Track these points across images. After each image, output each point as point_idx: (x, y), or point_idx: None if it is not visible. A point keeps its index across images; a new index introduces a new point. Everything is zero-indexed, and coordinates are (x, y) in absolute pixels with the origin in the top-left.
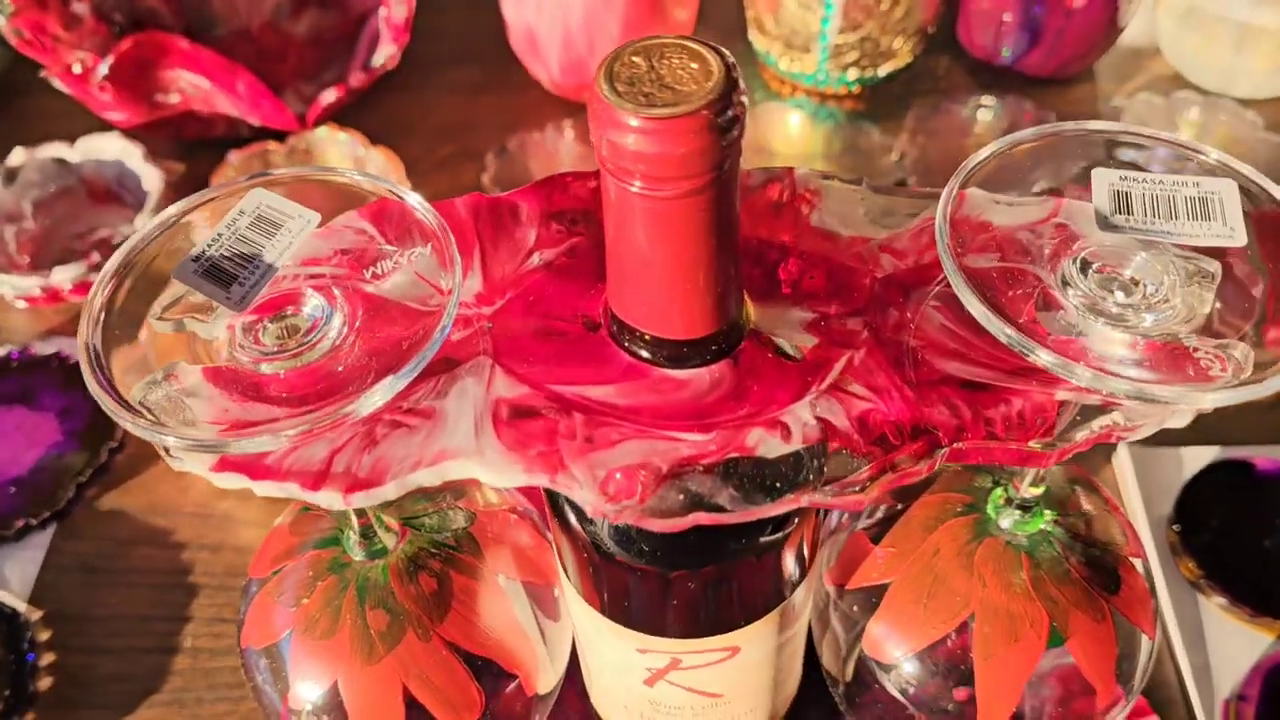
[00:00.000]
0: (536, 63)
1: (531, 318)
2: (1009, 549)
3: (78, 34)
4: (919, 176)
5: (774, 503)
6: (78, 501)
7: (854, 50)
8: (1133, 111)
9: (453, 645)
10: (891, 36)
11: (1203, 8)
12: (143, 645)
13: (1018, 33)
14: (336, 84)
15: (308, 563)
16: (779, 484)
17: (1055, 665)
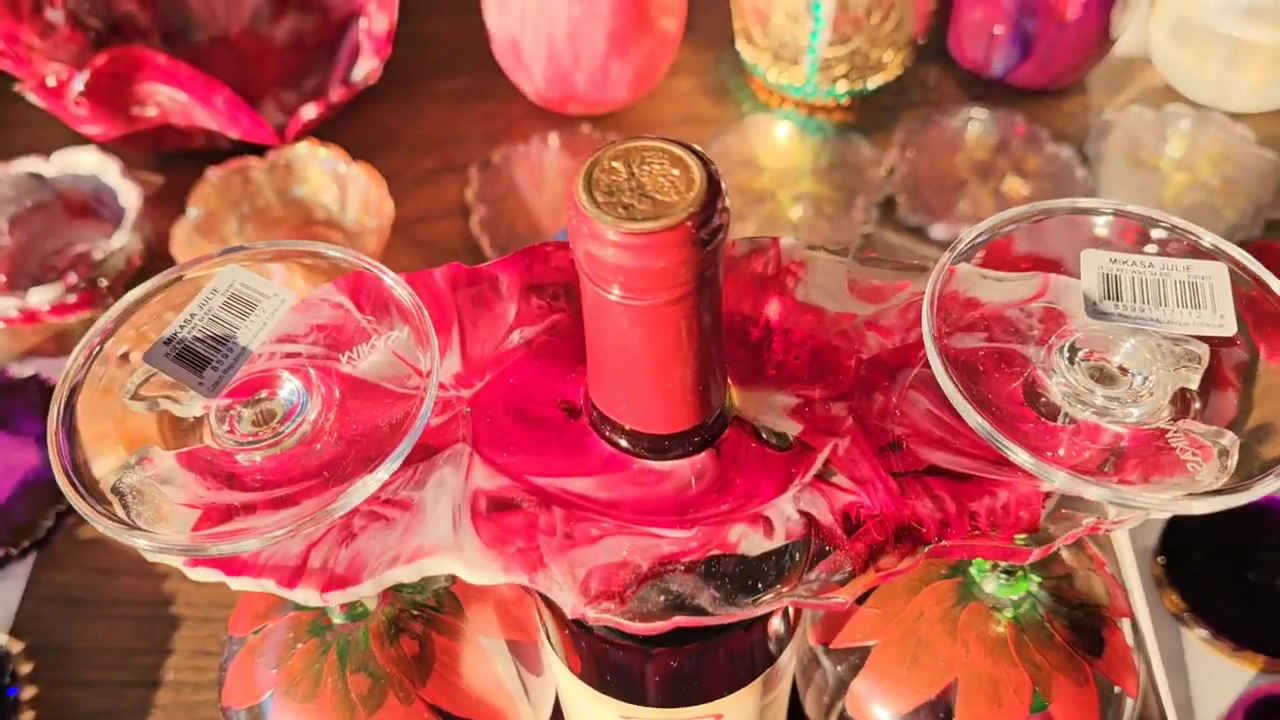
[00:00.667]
0: (521, 73)
1: (511, 401)
2: (993, 613)
3: (53, 43)
4: (908, 192)
5: (755, 604)
6: (58, 530)
7: (843, 63)
8: (1124, 125)
9: (435, 708)
10: (881, 49)
11: (1195, 21)
12: (125, 679)
13: (1009, 45)
14: (316, 97)
15: (288, 624)
16: (760, 584)
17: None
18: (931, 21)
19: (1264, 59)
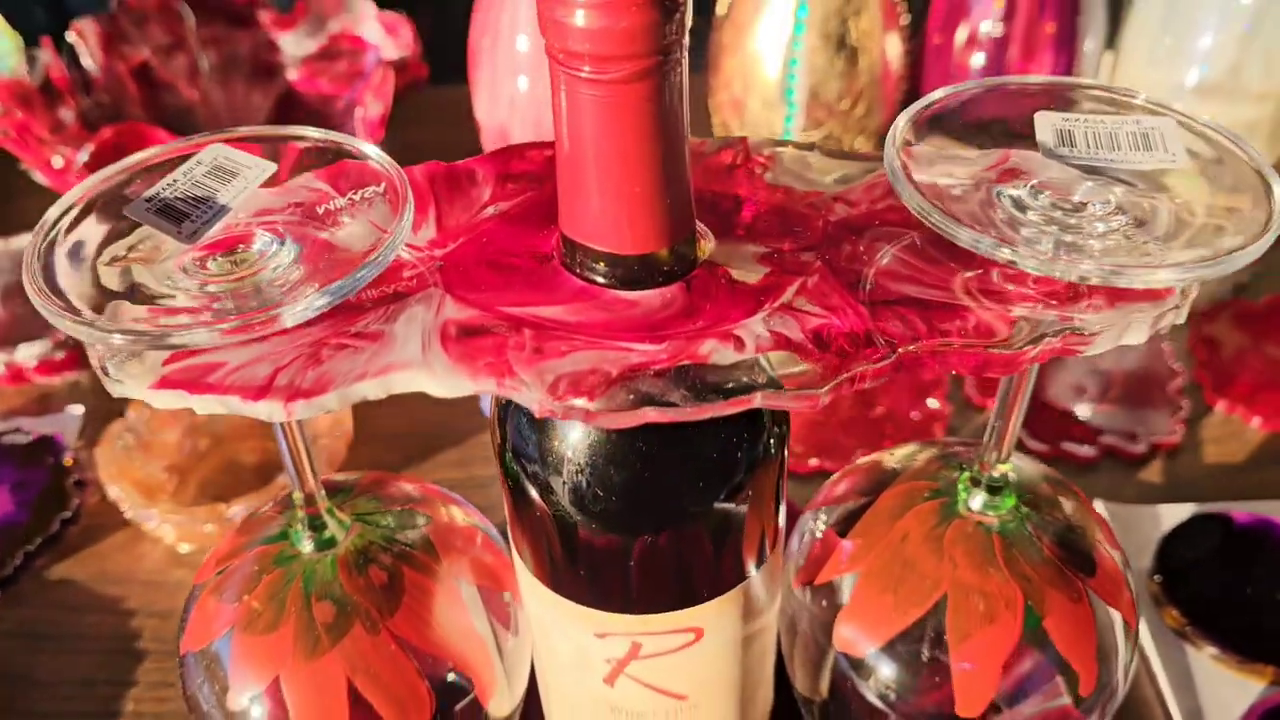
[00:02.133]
0: None
1: (484, 254)
2: (979, 529)
3: (61, 137)
4: None
5: (727, 400)
6: (26, 570)
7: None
8: None
9: (403, 641)
10: (853, 135)
11: None
12: (82, 709)
13: None
14: None
15: (253, 558)
16: (732, 382)
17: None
18: (898, 110)
19: None
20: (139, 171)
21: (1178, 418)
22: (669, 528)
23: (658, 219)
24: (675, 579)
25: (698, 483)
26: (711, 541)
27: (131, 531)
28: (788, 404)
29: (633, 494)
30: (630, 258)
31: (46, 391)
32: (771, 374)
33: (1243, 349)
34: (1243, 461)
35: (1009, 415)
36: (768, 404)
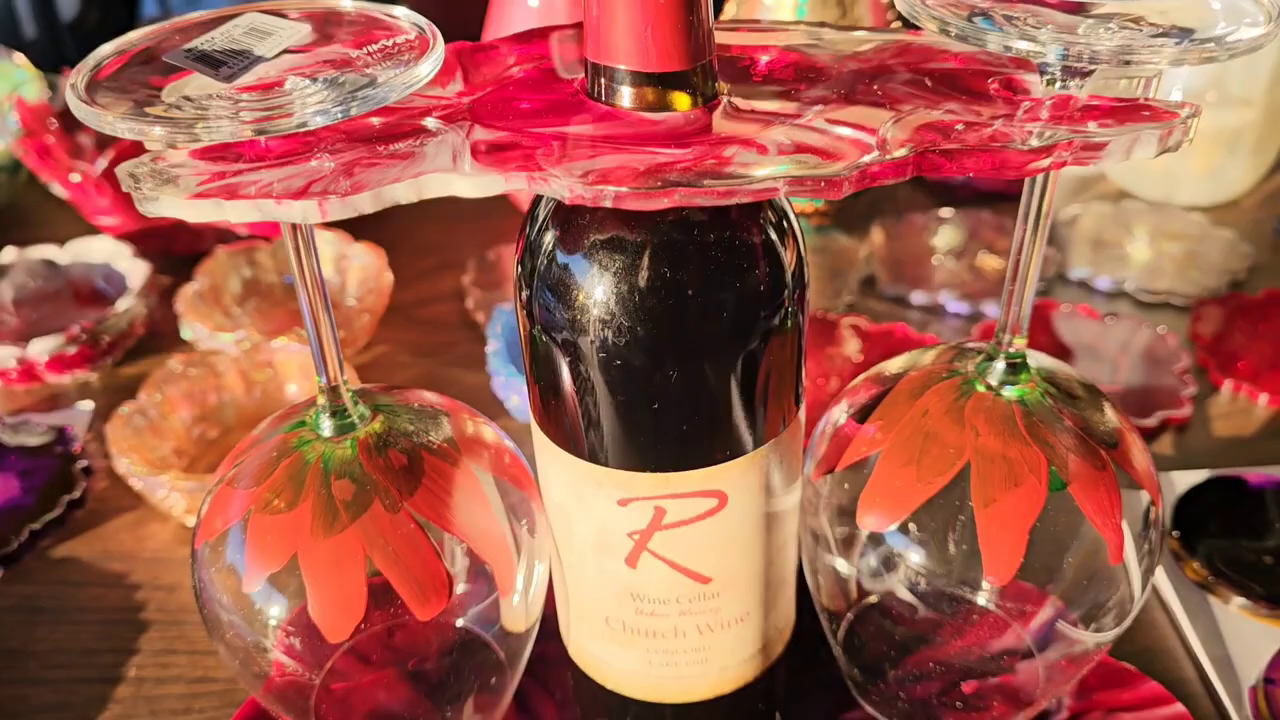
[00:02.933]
0: None
1: (511, 95)
2: (1000, 400)
3: (80, 161)
4: (887, 269)
5: (752, 186)
6: (29, 549)
7: None
8: (1086, 215)
9: (422, 522)
10: None
11: None
12: (83, 676)
13: None
14: None
15: (272, 446)
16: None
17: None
18: None
19: (1206, 144)
20: (175, 32)
21: (1185, 395)
22: (691, 369)
23: (680, 35)
24: (697, 432)
25: (720, 324)
26: (732, 393)
27: (138, 514)
28: (811, 192)
29: (656, 333)
30: (654, 76)
31: (57, 391)
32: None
33: (1243, 335)
34: (1252, 434)
35: (1024, 282)
36: (792, 191)
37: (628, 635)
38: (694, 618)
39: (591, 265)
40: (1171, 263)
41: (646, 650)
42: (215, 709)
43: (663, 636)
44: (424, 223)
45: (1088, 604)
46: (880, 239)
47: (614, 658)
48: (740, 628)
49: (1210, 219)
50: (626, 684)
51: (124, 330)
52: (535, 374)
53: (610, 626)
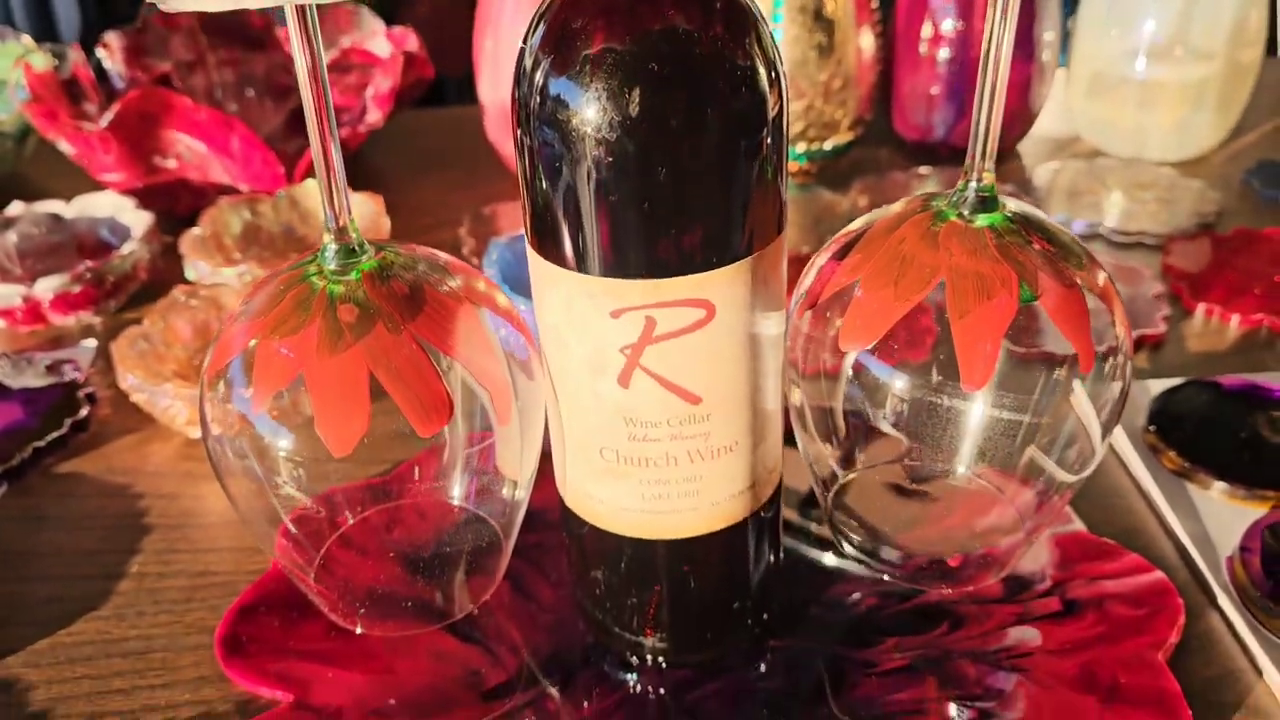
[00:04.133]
0: (510, 146)
1: None
2: (971, 226)
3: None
4: None
5: None
6: (33, 465)
7: (799, 120)
8: (1064, 172)
9: (423, 342)
10: (833, 107)
11: (1105, 74)
12: (85, 574)
13: (945, 104)
14: None
15: (278, 280)
16: None
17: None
18: (875, 96)
19: (1172, 97)
20: None
21: (1160, 316)
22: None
23: None
24: (684, 236)
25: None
26: (718, 197)
27: (141, 435)
28: None
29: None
30: None
31: (61, 332)
32: None
33: (1214, 265)
34: (1226, 350)
35: (989, 124)
36: None
37: (621, 466)
38: (685, 443)
39: (583, 75)
40: (1144, 209)
41: (640, 482)
42: (217, 599)
43: (655, 465)
44: (421, 186)
45: (1056, 431)
46: (862, 196)
47: (608, 493)
48: (730, 458)
49: (1180, 172)
50: (621, 522)
51: (127, 273)
52: (532, 192)
53: (605, 459)
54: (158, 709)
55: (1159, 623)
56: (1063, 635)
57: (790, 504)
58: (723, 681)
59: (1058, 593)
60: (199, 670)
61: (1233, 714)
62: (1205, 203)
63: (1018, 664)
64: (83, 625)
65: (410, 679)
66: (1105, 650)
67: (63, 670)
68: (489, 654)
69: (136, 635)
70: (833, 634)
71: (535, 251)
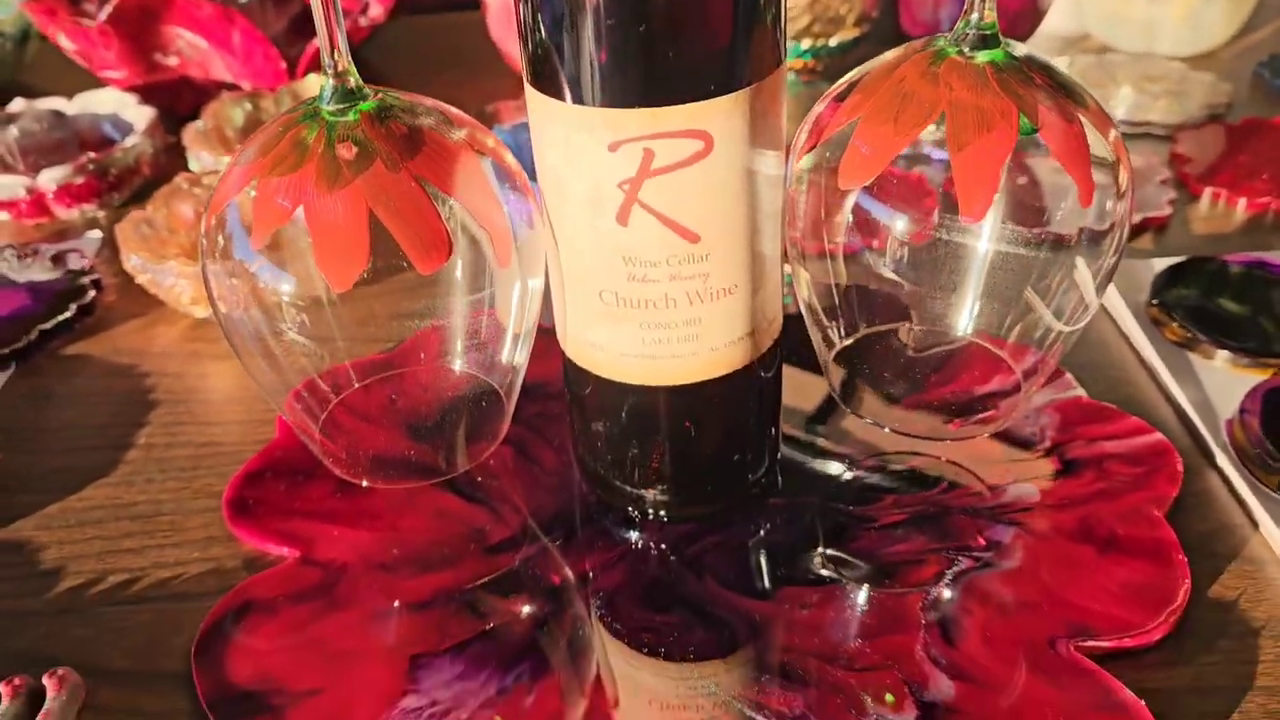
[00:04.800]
0: (513, 44)
1: None
2: (972, 63)
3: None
4: None
5: None
6: (40, 348)
7: (805, 15)
8: (1072, 69)
9: (421, 180)
10: (839, 2)
11: None
12: (91, 444)
13: (952, 2)
14: None
15: (278, 123)
16: None
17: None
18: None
19: None
20: None
21: (1165, 199)
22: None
23: None
24: (682, 62)
25: None
26: (716, 22)
27: (147, 319)
28: None
29: None
30: None
31: (65, 226)
32: None
33: (1223, 154)
34: (1231, 231)
35: None
36: None
37: (621, 309)
38: (684, 283)
39: None
40: (1153, 102)
41: (639, 325)
42: (224, 466)
43: (654, 307)
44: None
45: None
46: None
47: (608, 339)
48: (729, 300)
49: (1190, 66)
50: (621, 368)
51: (130, 166)
52: (531, 26)
53: (604, 302)
54: (166, 565)
55: (1158, 480)
56: (1062, 492)
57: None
58: (723, 534)
59: (1057, 453)
60: (207, 531)
61: (1227, 564)
62: (1216, 94)
63: (1016, 518)
64: (92, 491)
65: (413, 535)
66: (1103, 505)
67: (73, 533)
68: (492, 512)
69: (145, 500)
70: (831, 492)
71: (533, 88)
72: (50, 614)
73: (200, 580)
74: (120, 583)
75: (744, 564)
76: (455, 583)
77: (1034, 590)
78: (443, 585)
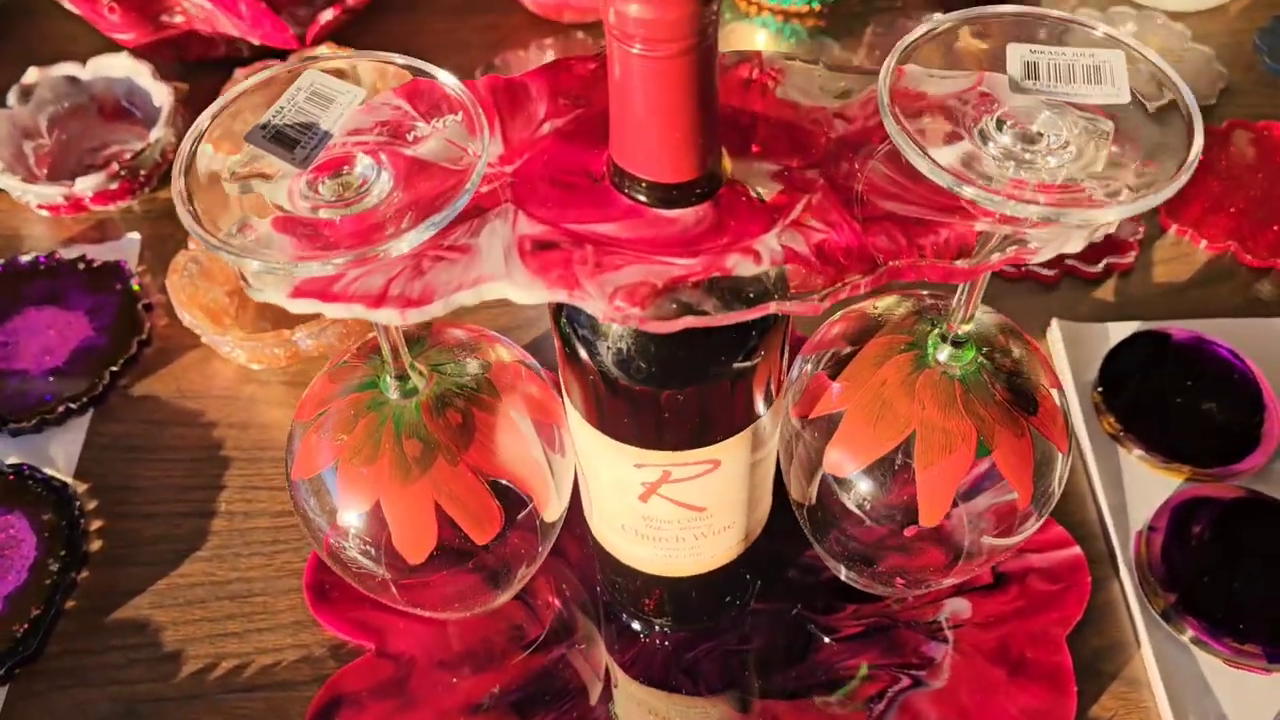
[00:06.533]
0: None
1: (546, 172)
2: (944, 378)
3: None
4: None
5: (749, 309)
6: (112, 388)
7: None
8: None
9: (476, 469)
10: None
11: None
12: (181, 510)
13: None
14: (334, 3)
15: (348, 404)
16: (752, 294)
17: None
18: None
19: None
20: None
21: (1134, 239)
22: (695, 385)
23: (693, 156)
24: (699, 424)
25: (720, 350)
26: (729, 394)
27: (202, 351)
28: (794, 310)
29: (666, 360)
30: (669, 184)
31: (103, 219)
32: (783, 283)
33: (1200, 171)
34: (1186, 281)
35: (973, 290)
36: (780, 310)
37: (638, 539)
38: (690, 530)
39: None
40: None
41: (653, 548)
42: (299, 540)
43: (665, 542)
44: (428, 18)
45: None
46: (871, 49)
47: (626, 547)
48: (727, 533)
49: (1194, 31)
50: (636, 562)
51: (158, 161)
52: (566, 367)
53: (625, 531)
54: (266, 651)
55: (1068, 599)
56: (989, 609)
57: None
58: (715, 641)
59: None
60: (294, 615)
61: (1110, 684)
62: (1210, 78)
63: (949, 634)
64: (189, 567)
65: (465, 630)
66: (1019, 625)
67: (183, 612)
68: (528, 608)
69: (237, 578)
70: (804, 598)
71: (569, 403)
72: (181, 699)
73: (296, 669)
74: (232, 669)
75: (729, 672)
76: (502, 684)
77: (954, 713)
78: (491, 687)
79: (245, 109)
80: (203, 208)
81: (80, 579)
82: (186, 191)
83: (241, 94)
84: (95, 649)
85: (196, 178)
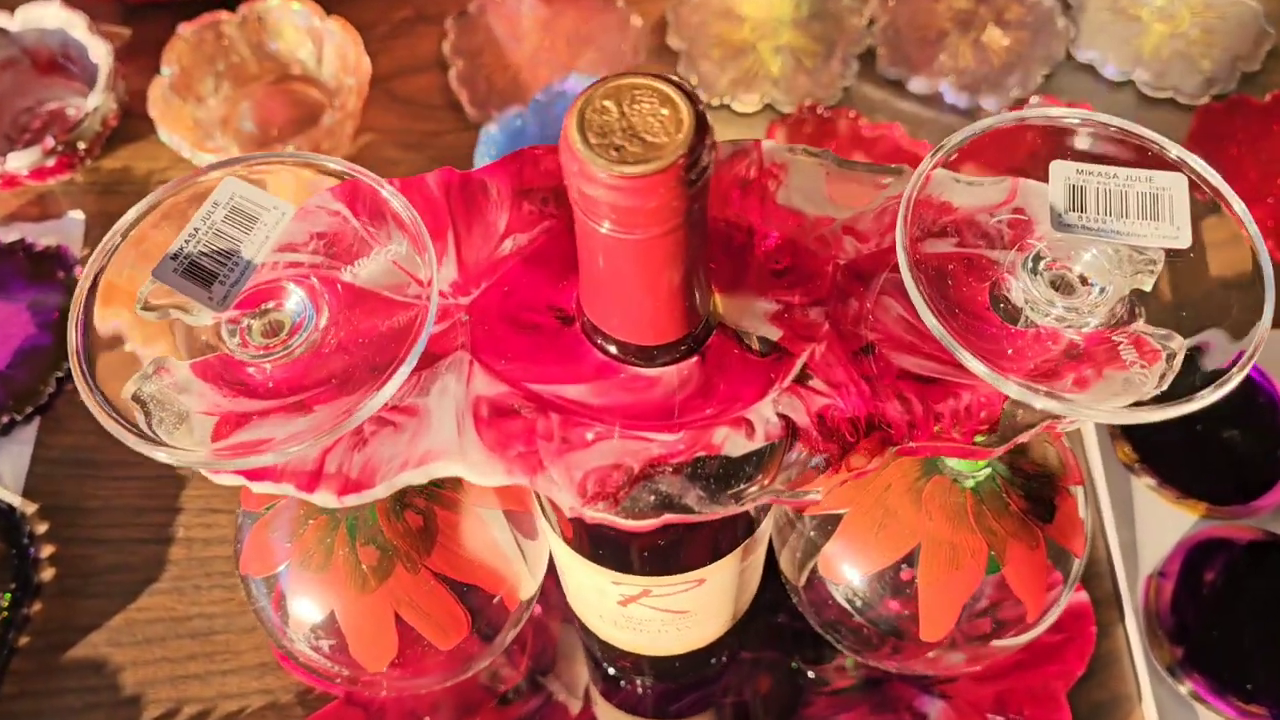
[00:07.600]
0: None
1: (507, 308)
2: (954, 486)
3: None
4: (888, 43)
5: (738, 502)
6: (59, 395)
7: None
8: None
9: (440, 575)
10: None
11: None
12: (138, 536)
13: None
14: None
15: (299, 502)
16: (742, 483)
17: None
18: None
19: None
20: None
21: None
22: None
23: (675, 319)
24: (684, 554)
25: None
26: (717, 528)
27: None
28: (790, 504)
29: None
30: (649, 345)
31: (42, 192)
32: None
33: (1239, 148)
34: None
35: None
36: (774, 502)
37: (618, 629)
38: (673, 624)
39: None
40: (1186, 43)
41: (634, 636)
42: None
43: (647, 633)
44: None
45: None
46: (882, 10)
47: (606, 630)
48: (712, 623)
49: None
50: (617, 642)
51: (98, 131)
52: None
53: (604, 620)
54: (231, 696)
55: (1071, 653)
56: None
57: None
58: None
59: (990, 614)
60: (258, 656)
61: None
62: (1255, 37)
63: (944, 689)
64: (147, 600)
65: None
66: (1019, 679)
67: (142, 651)
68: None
69: (198, 613)
70: (794, 648)
71: (548, 525)
72: None
73: (262, 716)
74: (195, 715)
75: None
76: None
77: None
78: None
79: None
80: (108, 363)
81: (33, 613)
82: (85, 353)
83: (143, 217)
84: (52, 690)
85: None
